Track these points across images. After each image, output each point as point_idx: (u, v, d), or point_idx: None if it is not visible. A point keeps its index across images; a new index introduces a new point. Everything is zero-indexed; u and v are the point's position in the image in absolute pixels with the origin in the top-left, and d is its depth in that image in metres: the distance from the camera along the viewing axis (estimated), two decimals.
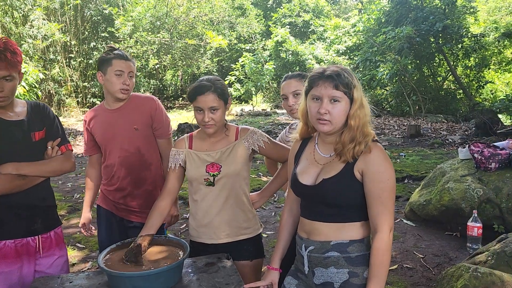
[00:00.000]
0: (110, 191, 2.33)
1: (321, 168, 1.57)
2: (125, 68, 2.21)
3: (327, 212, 1.54)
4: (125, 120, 2.26)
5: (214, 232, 1.92)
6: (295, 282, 1.67)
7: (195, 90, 1.88)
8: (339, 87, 1.46)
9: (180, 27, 18.01)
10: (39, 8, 15.36)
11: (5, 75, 1.78)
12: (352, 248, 1.51)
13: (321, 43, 18.21)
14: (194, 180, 1.92)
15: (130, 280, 1.62)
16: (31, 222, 1.93)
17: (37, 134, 1.95)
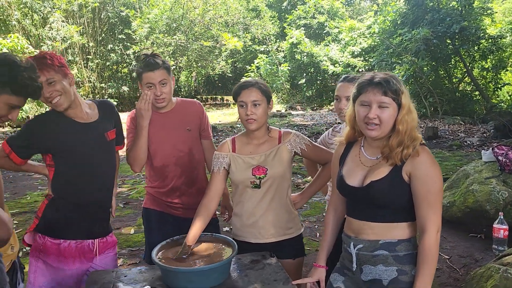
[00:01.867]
0: (163, 192, 2.37)
1: (368, 170, 1.64)
2: (154, 80, 2.20)
3: (376, 212, 1.61)
4: (178, 122, 2.33)
5: (259, 232, 2.01)
6: (342, 278, 1.74)
7: (240, 85, 1.99)
8: (387, 94, 1.54)
9: (196, 29, 18.19)
10: (59, 10, 15.66)
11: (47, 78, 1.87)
12: (400, 247, 1.59)
13: (336, 45, 18.21)
14: (240, 183, 2.00)
15: (185, 275, 1.71)
16: (92, 224, 2.05)
17: (110, 134, 2.10)
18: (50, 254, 2.00)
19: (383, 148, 1.60)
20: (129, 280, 1.82)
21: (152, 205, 2.43)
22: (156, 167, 2.37)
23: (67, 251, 2.01)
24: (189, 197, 2.37)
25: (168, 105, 2.33)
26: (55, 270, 2.03)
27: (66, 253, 2.01)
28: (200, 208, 2.01)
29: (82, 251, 2.05)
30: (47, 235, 2.01)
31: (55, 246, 2.00)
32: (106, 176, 2.12)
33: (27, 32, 15.42)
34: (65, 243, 2.01)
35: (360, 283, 1.67)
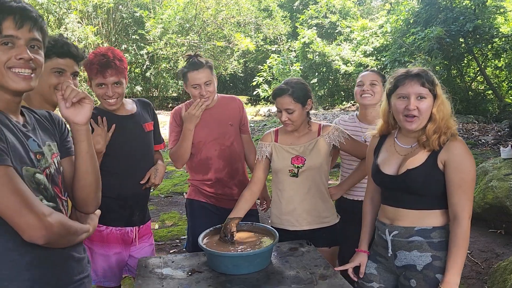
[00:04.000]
0: (208, 184, 2.47)
1: (403, 158, 1.73)
2: (200, 80, 2.30)
3: (411, 200, 1.70)
4: (221, 117, 2.44)
5: (297, 219, 2.12)
6: (374, 265, 1.84)
7: (274, 92, 2.09)
8: (425, 85, 1.63)
9: (208, 29, 18.32)
10: (74, 11, 15.89)
11: (115, 81, 2.02)
12: (435, 234, 1.68)
13: (348, 44, 18.21)
14: (279, 171, 2.12)
15: (231, 259, 1.82)
16: (132, 214, 2.17)
17: (147, 125, 2.23)
18: (94, 240, 2.12)
19: (420, 137, 1.68)
20: (176, 266, 1.94)
21: (196, 196, 2.52)
22: (200, 160, 2.47)
23: (110, 237, 2.14)
24: (231, 189, 2.47)
25: (212, 102, 2.44)
26: (102, 256, 2.15)
27: (109, 238, 2.14)
28: (245, 191, 2.16)
29: (123, 237, 2.18)
30: None
31: (99, 233, 2.12)
32: (146, 168, 2.22)
33: None
34: (108, 229, 2.14)
35: (393, 268, 1.76)
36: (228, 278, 1.79)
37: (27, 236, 1.11)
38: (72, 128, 1.33)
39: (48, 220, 1.13)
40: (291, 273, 1.81)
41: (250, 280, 1.76)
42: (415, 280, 1.67)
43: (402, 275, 1.73)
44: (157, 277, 1.82)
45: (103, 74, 1.99)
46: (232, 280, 1.77)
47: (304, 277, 1.76)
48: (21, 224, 1.09)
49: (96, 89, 2.06)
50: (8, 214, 1.08)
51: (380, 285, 1.82)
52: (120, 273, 2.24)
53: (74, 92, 1.30)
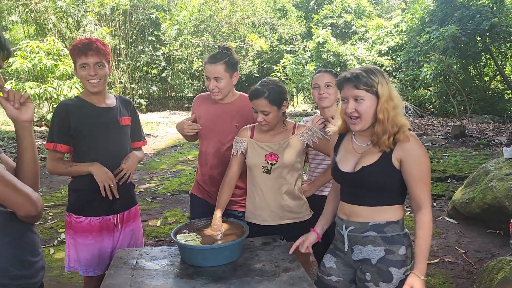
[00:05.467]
0: (205, 180, 2.51)
1: (359, 156, 1.77)
2: (210, 73, 2.33)
3: (366, 196, 1.75)
4: (228, 116, 2.44)
5: (269, 215, 2.17)
6: (334, 259, 1.89)
7: (250, 94, 2.14)
8: (359, 87, 1.66)
9: (223, 30, 18.47)
10: (91, 13, 16.25)
11: (97, 61, 2.15)
12: (388, 228, 1.72)
13: (362, 44, 18.09)
14: (253, 166, 2.18)
15: (200, 252, 1.89)
16: (112, 202, 2.25)
17: (123, 120, 2.32)
18: (77, 231, 2.23)
19: (372, 137, 1.73)
20: (151, 257, 2.02)
21: (195, 192, 2.59)
22: (200, 152, 2.53)
23: (91, 227, 2.23)
24: None
25: (226, 98, 2.44)
26: (84, 246, 2.25)
27: (90, 228, 2.23)
28: (222, 186, 2.24)
29: (104, 225, 2.26)
30: (73, 213, 2.24)
31: (79, 224, 2.22)
32: (120, 159, 2.29)
33: (62, 35, 16.09)
34: (87, 219, 2.23)
35: (350, 262, 1.82)
36: (197, 270, 1.85)
37: (23, 212, 1.36)
38: (19, 126, 1.49)
39: (34, 196, 1.39)
40: (258, 265, 1.86)
41: (217, 272, 1.82)
42: (370, 274, 1.72)
43: (359, 269, 1.78)
44: (129, 268, 1.90)
45: (85, 54, 2.13)
46: (200, 272, 1.83)
47: (269, 270, 1.81)
48: (17, 204, 1.34)
49: (80, 71, 2.17)
50: (4, 199, 1.32)
51: (339, 278, 1.86)
52: (105, 261, 2.31)
53: (18, 94, 1.47)
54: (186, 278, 1.79)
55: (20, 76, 12.21)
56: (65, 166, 2.21)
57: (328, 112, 2.49)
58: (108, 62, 2.23)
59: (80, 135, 2.20)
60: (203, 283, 1.73)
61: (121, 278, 1.80)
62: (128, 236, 2.37)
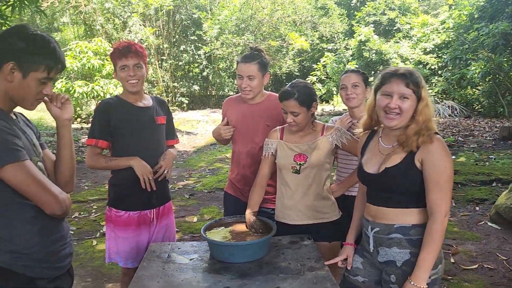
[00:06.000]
0: (238, 179, 2.58)
1: (384, 157, 1.77)
2: (243, 72, 2.39)
3: (391, 198, 1.74)
4: (260, 116, 2.49)
5: (297, 214, 2.20)
6: (361, 260, 1.90)
7: (280, 95, 2.17)
8: (409, 86, 1.66)
9: (264, 28, 18.54)
10: (136, 14, 16.80)
11: (136, 63, 2.28)
12: (414, 231, 1.70)
13: (406, 41, 17.61)
14: (282, 167, 2.21)
15: (227, 248, 1.94)
16: (149, 197, 2.35)
17: (159, 119, 2.43)
18: (117, 224, 2.35)
19: (400, 136, 1.71)
20: (181, 252, 2.10)
21: (229, 189, 2.67)
22: (233, 152, 2.61)
23: (130, 221, 2.34)
24: None
25: (256, 98, 2.50)
26: (124, 239, 2.37)
27: (128, 222, 2.34)
28: (254, 186, 2.30)
29: (143, 220, 2.37)
30: (113, 208, 2.36)
31: (119, 217, 2.34)
32: (156, 155, 2.39)
33: (109, 36, 16.72)
34: (126, 214, 2.34)
35: (376, 264, 1.82)
36: (224, 266, 1.91)
37: (49, 210, 1.46)
38: (60, 124, 1.64)
39: (62, 197, 1.48)
40: (283, 264, 1.89)
41: (243, 268, 1.87)
42: (394, 276, 1.71)
43: (384, 271, 1.77)
44: (160, 261, 1.98)
45: (126, 56, 2.26)
46: (228, 268, 1.89)
47: (294, 268, 1.84)
48: (44, 203, 1.44)
49: (120, 73, 2.30)
50: (34, 197, 1.43)
51: (365, 279, 1.86)
52: (141, 254, 2.40)
53: (59, 96, 1.64)
54: (213, 273, 1.85)
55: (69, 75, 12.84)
56: (105, 160, 2.33)
57: (357, 112, 2.49)
58: (145, 64, 2.35)
59: (119, 133, 2.32)
60: (229, 278, 1.79)
61: (153, 270, 1.89)
62: (162, 230, 2.47)
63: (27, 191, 1.41)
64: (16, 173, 1.38)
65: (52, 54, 1.50)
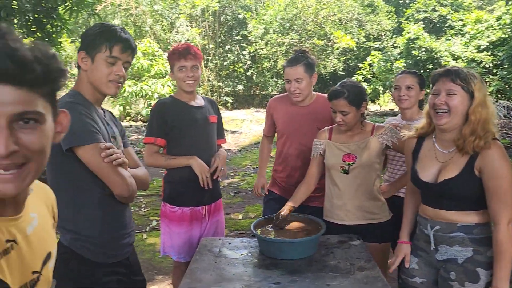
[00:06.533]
0: (284, 179, 2.63)
1: (441, 165, 1.72)
2: (290, 76, 2.45)
3: (450, 204, 1.70)
4: (310, 119, 2.53)
5: (346, 214, 2.19)
6: (416, 259, 1.86)
7: (330, 94, 2.17)
8: (455, 81, 1.62)
9: (309, 27, 18.42)
10: (183, 15, 17.21)
11: (193, 64, 2.37)
12: (477, 230, 1.66)
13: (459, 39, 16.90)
14: (331, 167, 2.21)
15: (277, 245, 1.98)
16: (202, 194, 2.43)
17: (211, 118, 2.51)
18: (171, 219, 2.44)
19: (457, 141, 1.66)
20: (232, 247, 2.15)
21: (273, 188, 2.71)
22: (281, 152, 2.64)
23: (183, 217, 2.43)
24: None
25: (305, 100, 2.54)
26: (177, 234, 2.46)
27: (183, 218, 2.43)
28: (300, 185, 2.31)
29: (195, 216, 2.45)
30: (168, 203, 2.45)
31: (174, 213, 2.43)
32: (209, 154, 2.47)
33: (157, 37, 17.23)
34: (180, 210, 2.43)
35: (433, 262, 1.77)
36: (274, 262, 1.94)
37: (118, 191, 1.57)
38: None
39: (130, 181, 1.59)
40: (332, 262, 1.90)
41: (293, 265, 1.90)
42: (454, 273, 1.67)
43: (442, 268, 1.73)
44: (212, 255, 2.04)
45: (185, 57, 2.35)
46: (277, 264, 1.92)
47: (343, 267, 1.84)
48: (114, 183, 1.55)
49: (178, 73, 2.39)
50: (106, 177, 1.55)
51: (423, 279, 1.83)
52: (193, 249, 2.47)
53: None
54: (263, 268, 1.89)
55: None
56: (164, 158, 2.43)
57: (408, 114, 2.48)
58: (201, 65, 2.44)
59: (174, 131, 2.41)
60: (279, 274, 1.82)
61: (205, 263, 1.95)
62: (213, 226, 2.54)
63: (100, 171, 1.53)
64: (94, 153, 1.50)
65: (110, 33, 1.60)
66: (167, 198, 2.49)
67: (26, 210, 0.87)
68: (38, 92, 0.74)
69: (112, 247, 1.66)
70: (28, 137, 0.74)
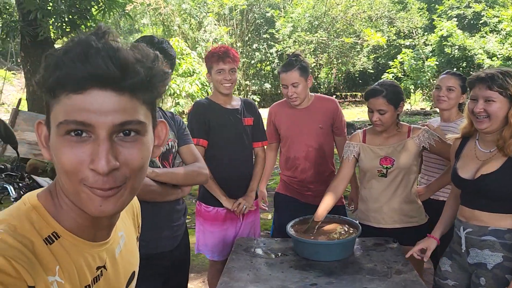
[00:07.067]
0: (294, 181, 2.64)
1: (481, 164, 1.71)
2: (287, 81, 2.47)
3: (486, 203, 1.69)
4: (311, 119, 2.56)
5: (383, 217, 2.17)
6: (449, 262, 1.87)
7: (367, 93, 2.15)
8: (492, 88, 1.61)
9: (338, 25, 18.25)
10: (211, 14, 17.34)
11: (231, 67, 2.39)
12: (509, 236, 1.65)
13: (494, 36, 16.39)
14: (368, 170, 2.19)
15: (313, 246, 1.98)
16: (236, 195, 2.46)
17: (246, 120, 2.52)
18: (205, 218, 2.48)
19: (498, 141, 1.66)
20: (266, 247, 2.17)
21: (284, 191, 2.72)
22: (288, 158, 2.65)
23: (218, 217, 2.46)
24: (316, 187, 2.58)
25: (304, 102, 2.57)
26: (211, 233, 2.50)
27: (216, 218, 2.46)
28: (329, 189, 2.26)
29: (230, 216, 2.48)
30: (203, 203, 2.49)
31: (208, 213, 2.47)
32: (243, 154, 2.50)
33: (185, 35, 17.44)
34: (214, 209, 2.46)
35: (466, 266, 1.77)
36: (309, 263, 1.95)
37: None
38: None
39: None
40: (369, 265, 1.89)
41: (328, 266, 1.90)
42: (484, 279, 1.67)
43: (474, 273, 1.73)
44: (248, 255, 2.07)
45: (224, 60, 2.37)
46: (313, 265, 1.93)
47: (380, 270, 1.83)
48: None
49: (215, 76, 2.42)
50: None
51: (455, 282, 1.82)
52: (228, 248, 2.51)
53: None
54: (299, 269, 1.90)
55: None
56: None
57: (446, 114, 2.46)
58: (237, 68, 2.45)
59: (210, 132, 2.44)
60: (316, 275, 1.83)
61: (242, 263, 1.98)
62: (248, 227, 2.57)
63: None
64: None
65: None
66: (202, 197, 2.53)
67: (115, 229, 0.79)
68: (140, 99, 0.65)
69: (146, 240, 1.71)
70: (129, 151, 0.64)
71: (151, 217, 1.72)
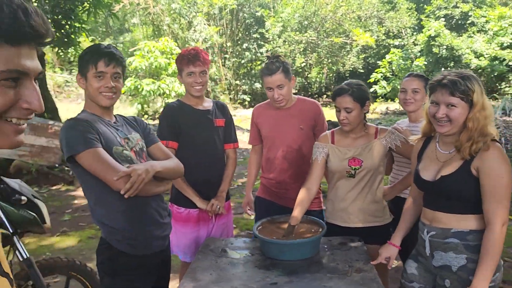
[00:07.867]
0: (273, 183, 2.62)
1: (441, 165, 1.74)
2: (272, 84, 2.44)
3: (448, 204, 1.70)
4: (292, 120, 2.54)
5: (349, 217, 2.20)
6: (415, 265, 1.87)
7: (334, 92, 2.18)
8: (455, 94, 1.61)
9: (327, 25, 18.33)
10: (200, 13, 17.32)
11: (202, 70, 2.40)
12: (471, 237, 1.66)
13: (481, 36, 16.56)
14: (336, 171, 2.21)
15: (278, 246, 2.00)
16: (207, 197, 2.46)
17: (218, 121, 2.53)
18: (177, 220, 2.48)
19: (456, 143, 1.68)
20: (234, 247, 2.18)
21: (263, 194, 2.69)
22: (267, 158, 2.64)
23: (189, 218, 2.47)
24: (295, 190, 2.47)
25: (287, 103, 2.55)
26: (183, 234, 2.50)
27: (189, 219, 2.47)
28: (301, 192, 2.25)
29: (202, 217, 2.48)
30: (175, 204, 2.50)
31: (180, 214, 2.47)
32: (213, 157, 2.49)
33: (175, 35, 17.41)
34: (186, 211, 2.47)
35: (431, 268, 1.78)
36: (274, 262, 1.96)
37: (114, 188, 1.62)
38: None
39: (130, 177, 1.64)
40: (332, 264, 1.91)
41: (292, 265, 1.91)
42: (449, 281, 1.68)
43: (439, 275, 1.74)
44: (214, 255, 2.08)
45: (194, 63, 2.37)
46: (277, 264, 1.94)
47: (341, 269, 1.85)
48: (108, 182, 1.62)
49: (186, 78, 2.42)
50: (101, 175, 1.63)
51: (421, 285, 1.84)
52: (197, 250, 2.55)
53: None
54: (263, 268, 1.91)
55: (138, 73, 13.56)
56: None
57: (413, 116, 2.49)
58: (208, 70, 2.46)
59: (181, 134, 2.45)
60: (277, 274, 1.84)
61: (207, 263, 1.99)
62: (221, 229, 2.57)
63: (96, 173, 1.63)
64: (87, 158, 1.63)
65: (93, 52, 1.75)
66: (174, 199, 2.53)
67: None
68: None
69: (139, 239, 1.77)
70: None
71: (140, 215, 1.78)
